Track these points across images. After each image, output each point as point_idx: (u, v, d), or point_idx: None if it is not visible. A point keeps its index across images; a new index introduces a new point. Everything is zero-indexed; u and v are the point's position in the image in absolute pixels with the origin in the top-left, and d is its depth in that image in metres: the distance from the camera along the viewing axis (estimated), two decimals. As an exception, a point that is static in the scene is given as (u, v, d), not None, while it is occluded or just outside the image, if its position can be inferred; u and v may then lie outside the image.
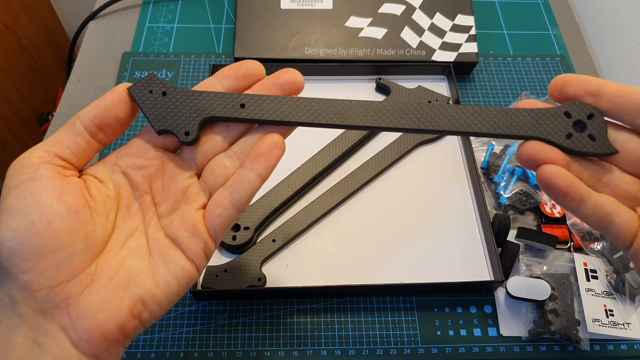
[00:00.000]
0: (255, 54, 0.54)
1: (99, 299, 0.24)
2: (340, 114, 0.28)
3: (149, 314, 0.25)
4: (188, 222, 0.26)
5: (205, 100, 0.28)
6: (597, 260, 0.44)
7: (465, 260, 0.44)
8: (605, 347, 0.42)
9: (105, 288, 0.24)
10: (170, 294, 0.26)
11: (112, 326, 0.24)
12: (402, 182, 0.49)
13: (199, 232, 0.26)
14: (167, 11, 0.62)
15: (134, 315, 0.25)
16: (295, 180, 0.47)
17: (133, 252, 0.26)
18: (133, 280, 0.25)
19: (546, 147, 0.26)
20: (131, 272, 0.25)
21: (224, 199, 0.27)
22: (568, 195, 0.25)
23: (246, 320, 0.42)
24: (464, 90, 0.56)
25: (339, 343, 0.41)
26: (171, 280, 0.26)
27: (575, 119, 0.26)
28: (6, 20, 0.86)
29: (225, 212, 0.27)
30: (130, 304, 0.24)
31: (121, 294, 0.25)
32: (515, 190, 0.47)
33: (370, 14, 0.56)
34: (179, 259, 0.26)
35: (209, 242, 0.27)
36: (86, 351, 0.24)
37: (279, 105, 0.28)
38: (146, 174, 0.28)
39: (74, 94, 0.55)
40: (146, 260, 0.26)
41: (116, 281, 0.25)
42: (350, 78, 0.55)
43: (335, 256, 0.44)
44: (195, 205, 0.27)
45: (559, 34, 0.62)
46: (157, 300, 0.25)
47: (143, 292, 0.25)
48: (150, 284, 0.25)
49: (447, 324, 0.42)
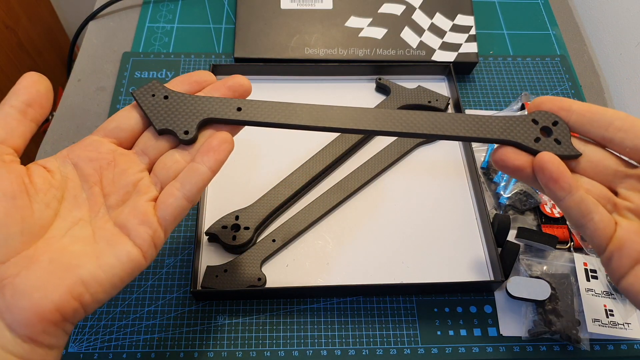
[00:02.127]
0: (255, 54, 0.54)
1: (37, 279, 0.24)
2: (327, 117, 0.31)
3: (91, 297, 0.25)
4: (138, 211, 0.27)
5: (204, 103, 0.30)
6: (597, 260, 0.44)
7: (465, 260, 0.44)
8: (605, 347, 0.42)
9: (45, 269, 0.24)
10: (113, 277, 0.25)
11: (48, 305, 0.23)
12: (402, 182, 0.49)
13: (149, 220, 0.27)
14: (167, 11, 0.62)
15: (73, 297, 0.24)
16: (295, 180, 0.47)
17: (76, 239, 0.26)
18: (75, 262, 0.25)
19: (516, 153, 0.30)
20: (73, 255, 0.25)
21: (175, 190, 0.28)
22: (558, 182, 0.27)
23: (246, 320, 0.42)
24: (464, 90, 0.56)
25: (339, 343, 0.41)
26: (115, 264, 0.25)
27: (542, 125, 0.30)
28: (6, 20, 0.86)
29: (176, 201, 0.27)
30: (70, 284, 0.24)
31: (61, 275, 0.24)
32: (515, 190, 0.47)
33: (370, 14, 0.56)
34: (125, 244, 0.26)
35: (158, 230, 0.27)
36: (21, 333, 0.23)
37: (272, 109, 0.31)
38: (97, 166, 0.29)
39: (74, 94, 0.55)
40: (90, 246, 0.26)
41: (57, 263, 0.24)
42: (350, 78, 0.55)
43: (335, 256, 0.44)
44: (146, 197, 0.28)
45: (559, 34, 0.62)
46: (100, 283, 0.25)
47: (85, 274, 0.24)
48: (93, 266, 0.25)
49: (447, 324, 0.42)
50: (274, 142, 0.50)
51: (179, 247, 0.45)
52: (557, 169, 0.27)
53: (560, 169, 0.27)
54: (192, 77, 0.32)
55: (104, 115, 0.52)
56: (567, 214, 0.28)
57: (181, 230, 0.46)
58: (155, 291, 0.42)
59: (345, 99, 0.54)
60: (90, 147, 0.29)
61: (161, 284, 0.43)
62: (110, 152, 0.29)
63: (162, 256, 0.44)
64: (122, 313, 0.41)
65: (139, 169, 0.29)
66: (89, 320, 0.41)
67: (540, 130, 0.30)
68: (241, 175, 0.48)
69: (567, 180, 0.27)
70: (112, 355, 0.40)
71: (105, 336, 0.40)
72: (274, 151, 0.50)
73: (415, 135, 0.31)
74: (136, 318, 0.41)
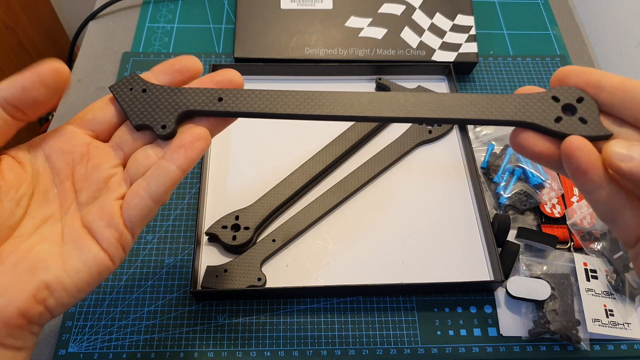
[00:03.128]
0: (255, 54, 0.54)
1: (1, 283, 0.23)
2: (316, 105, 0.28)
3: (56, 301, 0.24)
4: (105, 212, 0.25)
5: (183, 95, 0.28)
6: (597, 260, 0.44)
7: (465, 260, 0.44)
8: (605, 347, 0.42)
9: (8, 273, 0.23)
10: (79, 281, 0.25)
11: (12, 311, 0.23)
12: (402, 182, 0.49)
13: (115, 222, 0.25)
14: (167, 11, 0.62)
15: (37, 301, 0.24)
16: (295, 180, 0.47)
17: (45, 238, 0.25)
18: (40, 265, 0.24)
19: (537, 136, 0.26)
20: (39, 258, 0.24)
21: (141, 189, 0.26)
22: (587, 174, 0.24)
23: (246, 320, 0.42)
24: (464, 90, 0.56)
25: (339, 343, 0.41)
26: (81, 268, 0.25)
27: (564, 102, 0.26)
28: (6, 20, 0.86)
29: (142, 202, 0.26)
30: (34, 288, 0.23)
31: (25, 279, 0.23)
32: (515, 190, 0.47)
33: (370, 14, 0.56)
34: (92, 247, 0.25)
35: (124, 232, 0.26)
36: None
37: (256, 98, 0.28)
38: (69, 160, 0.27)
39: (74, 94, 0.55)
40: (57, 247, 0.25)
41: (22, 266, 0.24)
42: (350, 78, 0.55)
43: (335, 256, 0.44)
44: (114, 195, 0.26)
45: (559, 34, 0.62)
46: (65, 287, 0.24)
47: (50, 278, 0.24)
48: (58, 270, 0.24)
49: (447, 324, 0.42)
50: (274, 142, 0.50)
51: (179, 247, 0.45)
52: (586, 159, 0.23)
53: (590, 159, 0.23)
54: (175, 66, 0.29)
55: (104, 115, 0.52)
56: (594, 207, 0.25)
57: (181, 230, 0.46)
58: (155, 291, 0.42)
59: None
60: (64, 138, 0.27)
61: (161, 284, 0.43)
62: (85, 144, 0.27)
63: (162, 256, 0.44)
64: (122, 313, 0.41)
65: (112, 164, 0.27)
66: (89, 320, 0.41)
67: (562, 109, 0.26)
68: (241, 175, 0.48)
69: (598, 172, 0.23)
70: (112, 355, 0.40)
71: (105, 336, 0.40)
72: (274, 151, 0.50)
73: (417, 120, 0.28)
74: (136, 318, 0.41)
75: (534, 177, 0.47)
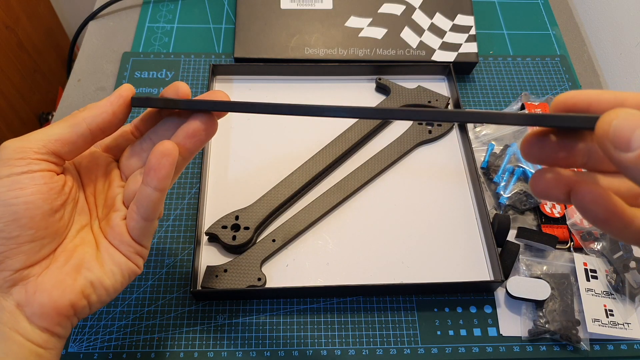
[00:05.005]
0: (255, 54, 0.54)
1: (55, 278, 0.27)
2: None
3: (97, 297, 0.29)
4: (116, 232, 0.29)
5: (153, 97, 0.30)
6: (597, 260, 0.44)
7: (465, 260, 0.44)
8: (605, 347, 0.42)
9: (60, 270, 0.28)
10: (115, 282, 0.29)
11: (65, 302, 0.27)
12: (402, 182, 0.49)
13: (126, 240, 0.30)
14: (167, 11, 0.62)
15: (84, 296, 0.28)
16: (295, 180, 0.47)
17: (84, 241, 0.29)
18: (85, 265, 0.28)
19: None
20: (84, 259, 0.28)
21: (134, 213, 0.29)
22: (608, 223, 0.21)
23: (246, 320, 0.42)
24: (464, 90, 0.56)
25: (339, 343, 0.41)
26: (117, 271, 0.29)
27: None
28: (6, 20, 0.86)
29: (138, 224, 0.29)
30: (82, 284, 0.28)
31: (74, 276, 0.28)
32: (515, 190, 0.47)
33: (370, 14, 0.56)
34: (121, 256, 0.30)
35: (136, 246, 0.30)
36: (39, 324, 0.27)
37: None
38: (94, 177, 0.31)
39: (74, 94, 0.55)
40: (95, 251, 0.29)
41: (70, 264, 0.28)
42: (350, 78, 0.55)
43: (335, 256, 0.44)
44: (120, 215, 0.30)
45: (559, 34, 0.62)
46: (105, 286, 0.29)
47: (93, 277, 0.28)
48: (99, 271, 0.28)
49: (447, 324, 0.42)
50: (274, 142, 0.50)
51: (179, 247, 0.45)
52: (604, 209, 0.21)
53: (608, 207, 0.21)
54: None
55: (104, 115, 0.52)
56: (626, 242, 0.23)
57: (181, 230, 0.46)
58: (155, 291, 0.42)
59: (345, 99, 0.54)
60: (91, 157, 0.31)
61: (161, 284, 0.43)
62: (107, 165, 0.31)
63: (162, 256, 0.44)
64: (122, 313, 0.41)
65: (119, 184, 0.31)
66: (89, 320, 0.41)
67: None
68: (241, 175, 0.48)
69: (620, 216, 0.21)
70: (112, 355, 0.40)
71: (105, 336, 0.40)
72: (274, 151, 0.50)
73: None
74: (136, 318, 0.41)
75: (534, 177, 0.47)
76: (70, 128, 0.28)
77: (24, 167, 0.26)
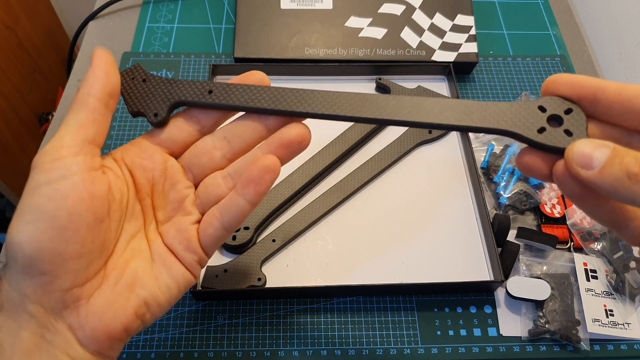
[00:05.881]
0: (255, 54, 0.54)
1: (107, 300, 0.25)
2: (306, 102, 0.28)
3: (151, 315, 0.27)
4: (184, 236, 0.27)
5: (177, 86, 0.29)
6: (597, 260, 0.44)
7: (465, 260, 0.44)
8: (605, 347, 0.42)
9: (112, 290, 0.25)
10: (170, 297, 0.27)
11: (118, 326, 0.25)
12: (402, 182, 0.49)
13: (193, 247, 0.27)
14: (167, 11, 0.62)
15: (137, 316, 0.26)
16: (295, 180, 0.47)
17: (136, 253, 0.27)
18: (138, 283, 0.26)
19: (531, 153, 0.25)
20: (136, 275, 0.26)
21: (215, 220, 0.27)
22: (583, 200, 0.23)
23: (246, 320, 0.42)
24: (464, 90, 0.56)
25: (339, 343, 0.41)
26: (172, 285, 0.27)
27: (550, 113, 0.25)
28: (6, 20, 0.86)
29: (216, 232, 0.28)
30: (135, 305, 0.26)
31: (127, 296, 0.26)
32: (515, 190, 0.47)
33: (370, 14, 0.56)
34: (179, 267, 0.27)
35: (202, 256, 0.28)
36: (91, 348, 0.25)
37: (245, 93, 0.29)
38: (150, 177, 0.28)
39: (73, 94, 0.54)
40: (149, 264, 0.27)
41: (122, 283, 0.26)
42: (350, 78, 0.55)
43: (335, 256, 0.44)
44: (190, 219, 0.28)
45: (559, 34, 0.62)
46: (159, 303, 0.27)
47: (147, 295, 0.26)
48: (153, 287, 0.26)
49: (447, 324, 0.42)
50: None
51: (179, 247, 0.45)
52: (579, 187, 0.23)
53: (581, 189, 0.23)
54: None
55: (104, 115, 0.52)
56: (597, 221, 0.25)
57: (181, 230, 0.46)
58: (155, 291, 0.42)
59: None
60: (145, 154, 0.28)
61: (161, 284, 0.43)
62: (163, 162, 0.28)
63: (162, 256, 0.44)
64: (122, 313, 0.41)
65: (186, 185, 0.28)
66: (89, 320, 0.41)
67: (547, 120, 0.25)
68: (241, 175, 0.48)
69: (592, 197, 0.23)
70: (112, 355, 0.40)
71: (105, 336, 0.40)
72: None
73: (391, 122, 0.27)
74: (136, 318, 0.41)
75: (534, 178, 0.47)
76: (82, 108, 0.25)
77: (62, 170, 0.24)
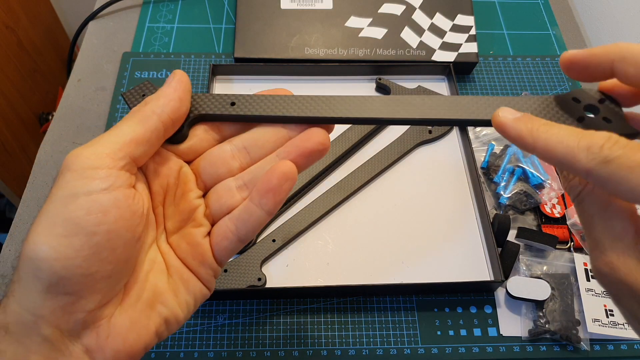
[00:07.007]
0: (255, 54, 0.54)
1: (129, 319, 0.23)
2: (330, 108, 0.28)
3: (168, 332, 0.25)
4: (197, 251, 0.26)
5: (196, 100, 0.28)
6: (597, 260, 0.44)
7: (465, 260, 0.44)
8: (605, 347, 0.42)
9: (134, 307, 0.24)
10: (188, 313, 0.26)
11: (140, 347, 0.23)
12: (402, 182, 0.49)
13: (208, 261, 0.26)
14: (167, 11, 0.62)
15: (157, 335, 0.24)
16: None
17: (152, 265, 0.25)
18: (159, 299, 0.25)
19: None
20: (156, 290, 0.25)
21: (230, 233, 0.26)
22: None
23: (246, 320, 0.42)
24: (464, 90, 0.56)
25: (339, 343, 0.41)
26: (191, 301, 0.26)
27: (586, 103, 0.25)
28: (6, 20, 0.86)
29: (231, 245, 0.26)
30: (156, 324, 0.24)
31: (148, 314, 0.24)
32: (515, 190, 0.47)
33: (370, 14, 0.56)
34: (196, 283, 0.26)
35: (217, 269, 0.27)
36: None
37: (269, 103, 0.28)
38: (164, 184, 0.26)
39: (74, 94, 0.55)
40: (166, 277, 0.25)
41: (144, 300, 0.24)
42: (350, 78, 0.55)
43: (335, 256, 0.44)
44: (201, 232, 0.26)
45: (559, 34, 0.62)
46: (178, 320, 0.25)
47: (168, 314, 0.25)
48: (173, 304, 0.25)
49: (447, 324, 0.42)
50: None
51: (179, 247, 0.45)
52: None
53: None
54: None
55: (104, 115, 0.52)
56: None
57: (181, 230, 0.46)
58: (155, 291, 0.42)
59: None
60: (159, 159, 0.26)
61: (161, 284, 0.43)
62: (178, 169, 0.26)
63: (162, 256, 0.44)
64: (122, 313, 0.41)
65: (197, 195, 0.26)
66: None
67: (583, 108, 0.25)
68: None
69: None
70: (112, 355, 0.40)
71: (105, 336, 0.40)
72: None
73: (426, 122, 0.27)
74: (136, 318, 0.41)
75: (534, 177, 0.47)
76: (142, 123, 0.23)
77: (104, 181, 0.22)
